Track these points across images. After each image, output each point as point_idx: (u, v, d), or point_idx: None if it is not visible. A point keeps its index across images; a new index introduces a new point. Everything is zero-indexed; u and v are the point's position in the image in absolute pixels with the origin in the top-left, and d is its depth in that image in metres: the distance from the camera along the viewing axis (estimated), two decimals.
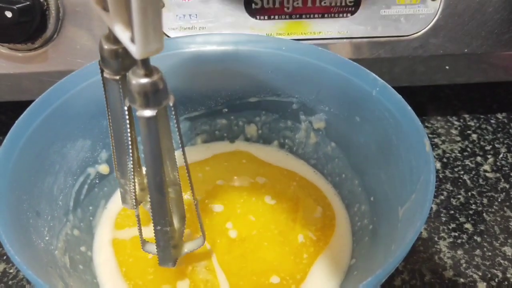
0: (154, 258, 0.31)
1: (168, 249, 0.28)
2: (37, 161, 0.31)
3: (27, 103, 0.31)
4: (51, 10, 0.37)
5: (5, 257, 0.36)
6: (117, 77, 0.26)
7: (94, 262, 0.33)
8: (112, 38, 0.24)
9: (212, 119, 0.40)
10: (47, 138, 0.31)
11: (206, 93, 0.39)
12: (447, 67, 0.43)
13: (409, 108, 0.31)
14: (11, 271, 0.36)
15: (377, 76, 0.33)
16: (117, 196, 0.37)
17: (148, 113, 0.22)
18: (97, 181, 0.36)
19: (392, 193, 0.31)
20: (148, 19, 0.19)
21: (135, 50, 0.20)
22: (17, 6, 0.35)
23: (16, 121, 0.29)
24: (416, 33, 0.41)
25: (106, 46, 0.25)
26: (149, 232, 0.29)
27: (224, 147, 0.41)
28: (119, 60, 0.25)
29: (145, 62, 0.21)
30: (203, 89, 0.39)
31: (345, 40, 0.41)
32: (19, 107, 0.30)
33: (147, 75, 0.22)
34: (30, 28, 0.37)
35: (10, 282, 0.35)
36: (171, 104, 0.24)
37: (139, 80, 0.22)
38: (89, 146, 0.35)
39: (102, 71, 0.27)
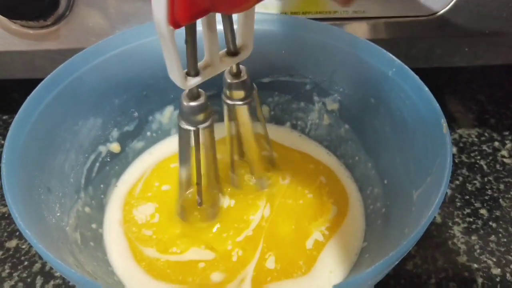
0: (161, 237, 0.32)
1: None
2: (48, 138, 0.30)
3: (40, 81, 0.31)
4: None
5: (17, 233, 0.37)
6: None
7: (104, 240, 0.33)
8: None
9: None
10: (58, 115, 0.31)
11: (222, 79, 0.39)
12: (466, 49, 0.42)
13: (426, 89, 0.30)
14: (23, 246, 0.36)
15: (393, 57, 0.32)
16: (127, 175, 0.37)
17: None
18: (108, 159, 0.36)
19: (406, 176, 0.30)
20: None
21: None
22: None
23: (28, 97, 0.29)
24: (436, 13, 0.39)
25: None
26: None
27: (238, 129, 0.40)
28: None
29: None
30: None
31: (361, 20, 0.40)
32: (32, 85, 0.30)
33: None
34: (42, 4, 0.36)
35: (22, 258, 0.35)
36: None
37: None
38: (100, 124, 0.35)
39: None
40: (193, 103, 0.26)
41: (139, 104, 0.37)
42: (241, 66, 0.29)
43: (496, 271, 0.34)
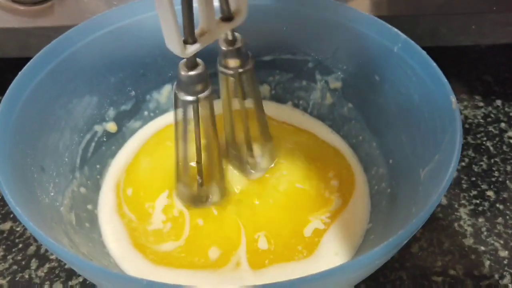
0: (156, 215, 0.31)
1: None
2: (42, 115, 0.29)
3: None
4: None
5: (11, 215, 0.36)
6: None
7: (99, 221, 0.32)
8: None
9: None
10: (52, 92, 0.30)
11: (218, 51, 0.37)
12: (473, 27, 0.41)
13: (434, 64, 0.29)
14: (18, 229, 0.35)
15: (399, 31, 0.31)
16: (124, 155, 0.36)
17: None
18: (104, 139, 0.35)
19: (413, 155, 0.29)
20: None
21: None
22: None
23: (19, 73, 0.28)
24: None
25: None
26: None
27: (236, 105, 0.39)
28: None
29: None
30: (214, 46, 0.37)
31: None
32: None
33: None
34: None
35: (16, 240, 0.34)
36: None
37: None
38: (96, 103, 0.34)
39: None
40: (192, 72, 0.25)
41: (136, 83, 0.36)
42: (236, 33, 0.28)
43: (504, 253, 0.33)
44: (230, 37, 0.28)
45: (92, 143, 0.34)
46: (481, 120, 0.43)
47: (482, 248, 0.33)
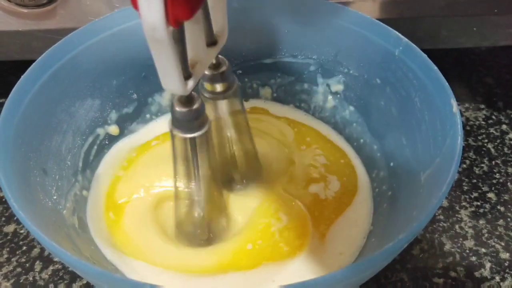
0: (156, 229, 0.31)
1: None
2: (44, 118, 0.30)
3: None
4: None
5: (15, 218, 0.36)
6: None
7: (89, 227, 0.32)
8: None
9: None
10: (54, 95, 0.30)
11: (219, 53, 0.37)
12: (474, 29, 0.41)
13: (435, 68, 0.29)
14: (21, 231, 0.35)
15: (400, 35, 0.31)
16: None
17: None
18: (106, 142, 0.35)
19: (413, 158, 0.30)
20: None
21: None
22: None
23: (22, 76, 0.28)
24: None
25: None
26: None
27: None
28: None
29: None
30: None
31: None
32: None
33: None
34: None
35: (20, 243, 0.35)
36: None
37: None
38: (98, 106, 0.34)
39: None
40: (189, 108, 0.24)
41: (138, 86, 0.36)
42: (219, 56, 0.27)
43: (505, 255, 0.33)
44: (214, 61, 0.26)
45: (95, 146, 0.34)
46: (482, 122, 0.43)
47: (483, 250, 0.33)
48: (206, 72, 0.27)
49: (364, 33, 0.33)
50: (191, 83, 0.22)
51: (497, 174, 0.38)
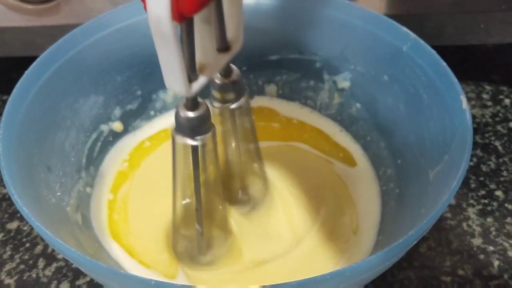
0: (155, 223, 0.31)
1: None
2: (48, 114, 0.29)
3: None
4: None
5: (18, 215, 0.36)
6: None
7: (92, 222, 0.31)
8: None
9: None
10: (58, 92, 0.30)
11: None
12: (481, 26, 0.40)
13: (444, 63, 0.28)
14: (25, 228, 0.35)
15: (408, 30, 0.31)
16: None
17: None
18: (110, 139, 0.35)
19: (421, 155, 0.29)
20: None
21: None
22: None
23: (25, 72, 0.28)
24: None
25: None
26: None
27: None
28: None
29: None
30: None
31: None
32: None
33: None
34: None
35: (24, 240, 0.34)
36: None
37: None
38: (102, 102, 0.34)
39: None
40: (194, 114, 0.23)
41: (142, 82, 0.35)
42: (231, 64, 0.26)
43: None
44: (225, 69, 0.26)
45: (98, 142, 0.34)
46: (489, 120, 0.42)
47: (491, 248, 0.33)
48: (217, 81, 0.26)
49: (372, 29, 0.32)
50: (196, 86, 0.22)
51: (505, 171, 0.38)
